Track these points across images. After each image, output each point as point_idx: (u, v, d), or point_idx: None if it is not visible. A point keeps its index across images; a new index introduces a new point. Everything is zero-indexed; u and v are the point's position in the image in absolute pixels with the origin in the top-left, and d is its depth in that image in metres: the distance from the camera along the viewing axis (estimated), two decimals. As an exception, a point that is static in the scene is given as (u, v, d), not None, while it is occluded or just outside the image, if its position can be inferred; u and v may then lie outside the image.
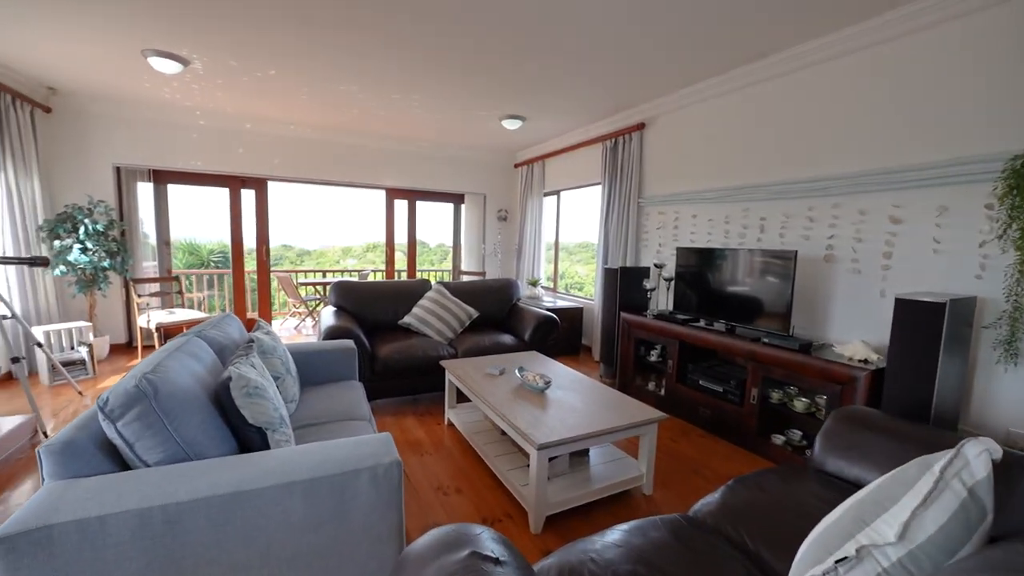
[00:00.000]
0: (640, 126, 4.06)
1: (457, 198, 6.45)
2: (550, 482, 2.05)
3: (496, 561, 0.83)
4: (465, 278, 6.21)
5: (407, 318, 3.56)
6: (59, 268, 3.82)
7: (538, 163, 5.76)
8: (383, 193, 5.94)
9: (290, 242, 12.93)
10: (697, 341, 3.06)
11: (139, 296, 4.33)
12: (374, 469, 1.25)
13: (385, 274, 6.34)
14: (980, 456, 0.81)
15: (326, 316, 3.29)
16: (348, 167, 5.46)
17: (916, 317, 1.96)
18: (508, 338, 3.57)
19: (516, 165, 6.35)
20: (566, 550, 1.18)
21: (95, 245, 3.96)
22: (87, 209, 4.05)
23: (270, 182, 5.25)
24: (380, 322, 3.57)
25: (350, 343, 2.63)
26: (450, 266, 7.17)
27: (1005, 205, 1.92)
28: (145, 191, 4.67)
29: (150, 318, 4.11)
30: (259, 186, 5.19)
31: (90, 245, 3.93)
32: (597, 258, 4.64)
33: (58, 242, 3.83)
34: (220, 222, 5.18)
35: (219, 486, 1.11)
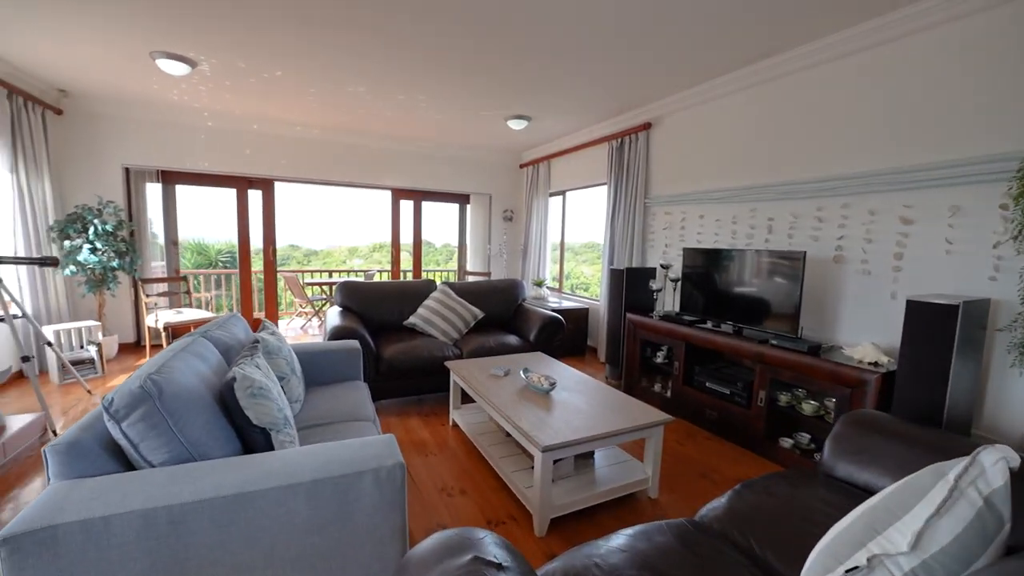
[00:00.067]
0: (646, 126, 4.04)
1: (463, 198, 6.45)
2: (555, 484, 2.04)
3: (499, 566, 0.82)
4: (471, 278, 6.21)
5: (412, 319, 3.57)
6: (69, 268, 3.87)
7: (544, 163, 5.75)
8: (389, 193, 5.96)
9: (297, 242, 13.03)
10: (704, 343, 3.03)
11: (147, 296, 4.37)
12: (377, 471, 1.24)
13: (391, 274, 6.36)
14: (997, 464, 0.79)
15: (332, 316, 3.30)
16: (354, 167, 5.48)
17: (928, 319, 1.93)
18: (513, 339, 3.56)
19: (522, 165, 6.34)
20: (570, 555, 1.17)
21: (104, 245, 4.01)
22: (97, 210, 4.09)
23: (277, 183, 5.28)
24: (385, 322, 3.57)
25: (355, 343, 2.63)
26: (456, 266, 7.17)
27: (1020, 205, 1.88)
28: (154, 192, 4.72)
29: (158, 318, 4.15)
30: (266, 187, 5.23)
31: (99, 245, 3.97)
32: (603, 259, 4.62)
33: (68, 242, 3.87)
34: (228, 222, 5.22)
35: (223, 487, 1.11)
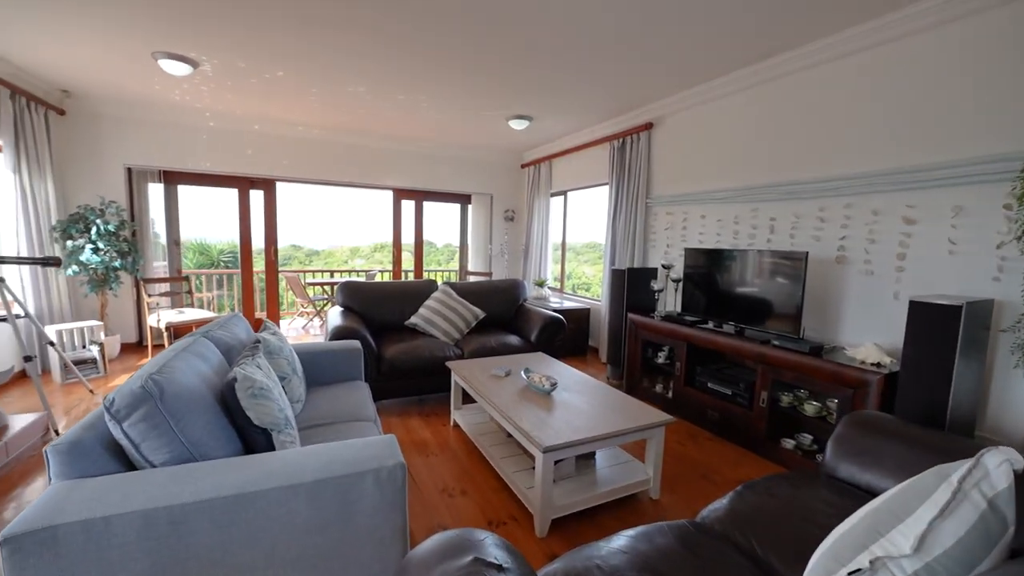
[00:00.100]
0: (648, 126, 4.03)
1: (464, 198, 6.45)
2: (556, 485, 2.03)
3: (500, 568, 0.81)
4: (472, 278, 6.21)
5: (413, 319, 3.57)
6: (71, 268, 3.88)
7: (545, 163, 5.75)
8: (390, 194, 5.96)
9: (299, 242, 13.05)
10: (705, 343, 3.02)
11: (149, 296, 4.38)
12: (378, 471, 1.24)
13: (392, 274, 6.36)
14: (1001, 466, 0.79)
15: (333, 316, 3.30)
16: (355, 168, 5.49)
17: (931, 320, 1.92)
18: (514, 339, 3.56)
19: (523, 165, 6.34)
20: (571, 556, 1.17)
21: (107, 245, 4.02)
22: (99, 210, 4.11)
23: (278, 183, 5.29)
24: (387, 322, 3.57)
25: (356, 343, 2.63)
26: (457, 266, 7.17)
27: (1024, 205, 1.87)
28: (156, 192, 4.73)
29: (160, 317, 4.16)
30: (267, 187, 5.24)
31: (102, 245, 3.98)
32: (604, 259, 4.61)
33: (71, 242, 3.88)
34: (230, 222, 5.23)
35: (223, 488, 1.11)
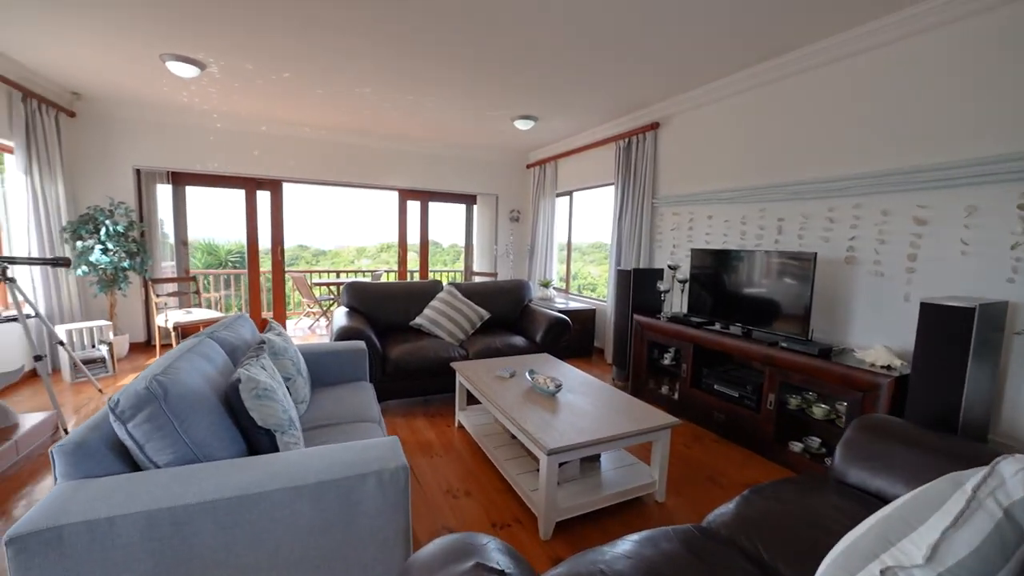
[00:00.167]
0: (654, 126, 4.01)
1: (469, 199, 6.45)
2: (560, 487, 2.02)
3: (502, 573, 0.81)
4: (477, 279, 6.20)
5: (418, 319, 3.57)
6: (81, 268, 3.92)
7: (550, 163, 5.73)
8: (396, 194, 5.97)
9: (306, 242, 13.14)
10: (712, 344, 3.00)
11: (157, 296, 4.42)
12: (381, 473, 1.24)
13: (397, 274, 6.37)
14: (1018, 475, 0.76)
15: (338, 317, 3.31)
16: (361, 168, 5.50)
17: (943, 322, 1.89)
18: (519, 340, 3.55)
19: (528, 166, 6.33)
20: (575, 560, 1.15)
21: (116, 246, 4.06)
22: (108, 211, 4.15)
23: (285, 183, 5.32)
24: (392, 323, 3.57)
25: (361, 344, 2.63)
26: (462, 267, 7.17)
27: (1039, 205, 1.84)
28: (164, 193, 4.78)
29: (168, 317, 4.19)
30: (274, 187, 5.26)
31: (111, 246, 4.02)
32: (610, 259, 4.59)
33: (80, 243, 3.93)
34: (237, 223, 5.27)
35: (227, 489, 1.11)
